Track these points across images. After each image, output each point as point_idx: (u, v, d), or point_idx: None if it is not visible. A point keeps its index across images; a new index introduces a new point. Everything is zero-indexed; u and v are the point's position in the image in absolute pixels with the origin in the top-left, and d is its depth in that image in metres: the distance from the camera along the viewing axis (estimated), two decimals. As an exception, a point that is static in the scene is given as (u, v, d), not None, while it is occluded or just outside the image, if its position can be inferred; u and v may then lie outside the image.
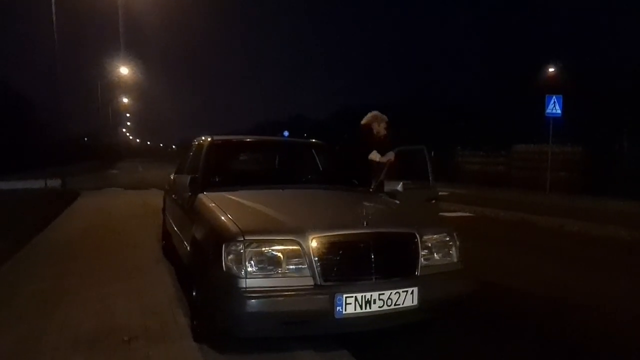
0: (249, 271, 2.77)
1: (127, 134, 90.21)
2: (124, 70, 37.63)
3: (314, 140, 5.66)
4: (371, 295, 2.85)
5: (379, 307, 2.87)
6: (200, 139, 5.08)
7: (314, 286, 2.81)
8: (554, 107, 14.20)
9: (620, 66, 24.39)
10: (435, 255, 3.24)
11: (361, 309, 2.83)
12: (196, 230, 3.49)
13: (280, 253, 2.84)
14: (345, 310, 2.80)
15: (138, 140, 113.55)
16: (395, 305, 2.90)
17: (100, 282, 4.56)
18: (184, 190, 4.17)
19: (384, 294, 2.87)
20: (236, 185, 3.98)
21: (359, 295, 2.82)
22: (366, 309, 2.84)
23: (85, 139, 45.23)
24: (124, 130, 77.47)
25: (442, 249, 3.29)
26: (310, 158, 5.28)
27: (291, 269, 2.84)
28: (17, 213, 9.13)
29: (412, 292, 2.94)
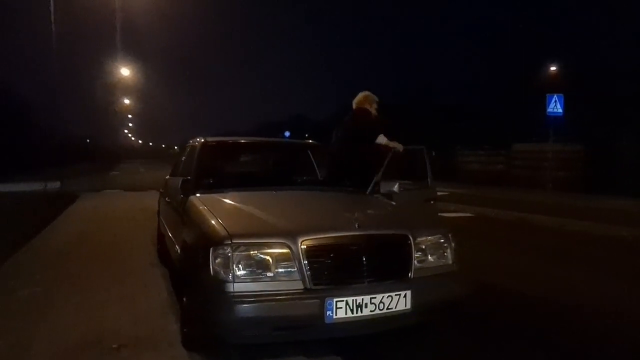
0: (237, 275, 2.71)
1: (129, 135, 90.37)
2: (125, 72, 37.66)
3: (310, 140, 5.61)
4: (362, 299, 2.79)
5: (371, 312, 2.80)
6: (195, 140, 5.03)
7: (303, 290, 2.74)
8: (555, 106, 14.13)
9: (620, 66, 24.30)
10: (430, 257, 3.17)
11: (352, 313, 2.76)
12: (186, 233, 3.44)
13: (269, 256, 2.78)
14: (336, 315, 2.73)
15: (140, 142, 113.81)
16: (388, 309, 2.84)
17: (92, 287, 4.50)
18: (176, 193, 4.12)
19: (375, 297, 2.81)
20: (229, 187, 3.92)
21: (350, 299, 2.76)
22: (357, 313, 2.77)
23: (88, 140, 45.27)
24: (125, 131, 77.57)
25: (436, 250, 3.22)
26: (305, 159, 5.23)
27: (280, 272, 2.77)
28: (15, 215, 9.09)
29: (405, 296, 2.88)
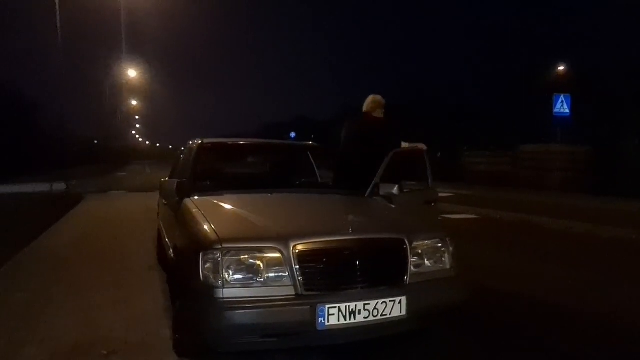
0: (226, 280, 2.64)
1: (137, 136, 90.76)
2: (132, 73, 37.95)
3: (310, 142, 5.55)
4: (356, 305, 2.71)
5: (364, 318, 2.72)
6: (192, 141, 4.97)
7: (294, 296, 2.67)
8: (561, 107, 13.97)
9: (626, 66, 24.02)
10: (427, 262, 3.09)
11: (345, 320, 2.69)
12: (178, 236, 3.39)
13: (259, 261, 2.71)
14: (328, 322, 2.66)
15: (147, 143, 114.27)
16: (382, 315, 2.76)
17: (88, 291, 4.44)
18: (171, 195, 4.08)
19: (369, 303, 2.73)
20: (225, 190, 3.86)
21: (342, 306, 2.68)
22: (350, 320, 2.69)
23: (96, 141, 45.47)
24: (133, 132, 77.88)
25: (433, 255, 3.13)
26: (305, 161, 5.15)
27: (271, 278, 2.70)
28: (20, 217, 9.11)
29: (400, 302, 2.80)
